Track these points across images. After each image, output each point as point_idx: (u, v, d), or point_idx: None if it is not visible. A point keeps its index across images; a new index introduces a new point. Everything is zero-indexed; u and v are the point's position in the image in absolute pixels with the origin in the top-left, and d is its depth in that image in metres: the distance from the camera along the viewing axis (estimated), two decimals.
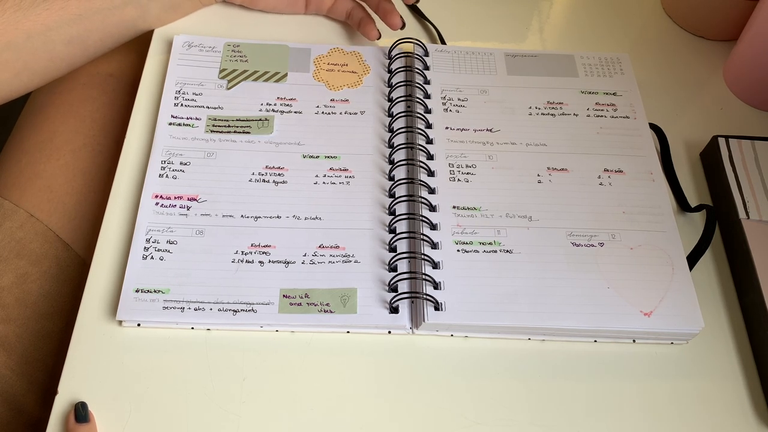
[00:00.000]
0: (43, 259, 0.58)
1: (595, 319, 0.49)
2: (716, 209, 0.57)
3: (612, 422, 0.48)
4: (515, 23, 0.68)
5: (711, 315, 0.53)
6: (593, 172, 0.56)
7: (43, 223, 0.59)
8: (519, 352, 0.50)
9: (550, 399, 0.48)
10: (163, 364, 0.48)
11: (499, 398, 0.48)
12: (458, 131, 0.58)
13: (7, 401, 0.54)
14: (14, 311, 0.56)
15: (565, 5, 0.71)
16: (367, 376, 0.48)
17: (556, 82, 0.61)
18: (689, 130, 0.62)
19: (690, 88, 0.65)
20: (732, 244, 0.55)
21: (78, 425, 0.45)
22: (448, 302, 0.49)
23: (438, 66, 0.61)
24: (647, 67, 0.66)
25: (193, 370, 0.48)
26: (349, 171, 0.56)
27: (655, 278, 0.51)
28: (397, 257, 0.51)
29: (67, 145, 0.63)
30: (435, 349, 0.50)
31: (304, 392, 0.47)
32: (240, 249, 0.51)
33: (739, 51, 0.64)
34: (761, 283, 0.51)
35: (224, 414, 0.46)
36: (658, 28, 0.69)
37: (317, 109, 0.59)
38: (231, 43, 0.61)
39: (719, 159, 0.58)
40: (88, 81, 0.66)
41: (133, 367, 0.47)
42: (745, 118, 0.64)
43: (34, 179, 0.61)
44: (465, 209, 0.53)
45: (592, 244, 0.52)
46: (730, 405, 0.49)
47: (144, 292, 0.49)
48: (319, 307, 0.49)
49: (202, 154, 0.55)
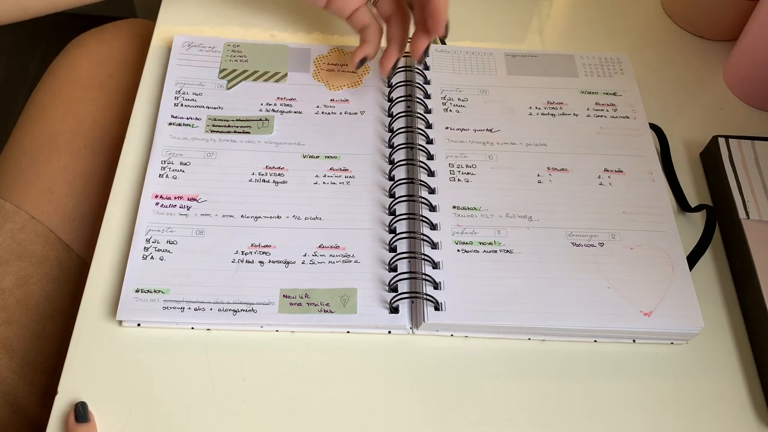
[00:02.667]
0: (44, 261, 0.58)
1: (595, 319, 0.49)
2: (716, 209, 0.57)
3: (612, 422, 0.48)
4: (515, 23, 0.68)
5: (711, 315, 0.53)
6: (593, 172, 0.56)
7: (43, 224, 0.59)
8: (519, 352, 0.50)
9: (550, 399, 0.48)
10: (163, 364, 0.48)
11: (499, 398, 0.48)
12: (458, 131, 0.57)
13: (9, 403, 0.54)
14: (15, 313, 0.56)
15: (565, 5, 0.71)
16: (367, 376, 0.48)
17: (556, 82, 0.61)
18: (689, 130, 0.62)
19: (690, 88, 0.65)
20: (732, 244, 0.55)
21: (78, 425, 0.45)
22: (448, 302, 0.49)
23: (438, 66, 0.61)
24: (647, 67, 0.66)
25: (193, 370, 0.48)
26: (349, 171, 0.56)
27: (655, 278, 0.51)
28: (397, 257, 0.51)
29: (67, 146, 0.62)
30: (435, 349, 0.50)
31: (304, 392, 0.47)
32: (240, 249, 0.51)
33: (739, 51, 0.64)
34: (761, 283, 0.51)
35: (224, 414, 0.46)
36: (658, 28, 0.69)
37: (317, 109, 0.59)
38: (231, 43, 0.61)
39: (719, 159, 0.57)
40: (88, 82, 0.66)
41: (133, 368, 0.47)
42: (745, 118, 0.64)
43: (34, 181, 0.61)
44: (465, 209, 0.53)
45: (592, 244, 0.52)
46: (731, 405, 0.49)
47: (144, 292, 0.49)
48: (319, 307, 0.49)
49: (202, 154, 0.55)
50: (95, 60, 0.67)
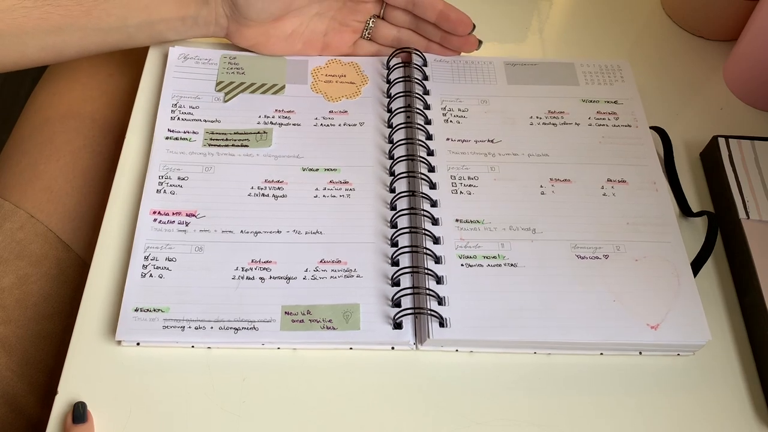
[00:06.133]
0: (43, 260, 0.58)
1: (602, 333, 0.48)
2: (716, 209, 0.57)
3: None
4: (515, 24, 0.68)
5: (713, 321, 0.52)
6: (596, 182, 0.55)
7: (43, 224, 0.59)
8: (525, 367, 0.49)
9: (558, 413, 0.48)
10: (163, 384, 0.47)
11: (506, 413, 0.47)
12: (459, 142, 0.57)
13: (8, 402, 0.54)
14: (15, 312, 0.56)
15: (565, 5, 0.71)
16: (370, 393, 0.48)
17: (556, 90, 0.61)
18: (689, 131, 0.62)
19: (690, 88, 0.65)
20: (732, 244, 0.55)
21: (74, 426, 0.44)
22: (453, 318, 0.48)
23: (437, 76, 0.61)
24: (647, 67, 0.66)
25: (194, 389, 0.47)
26: (349, 183, 0.55)
27: (661, 290, 0.50)
28: (400, 272, 0.50)
29: (67, 145, 0.62)
30: (440, 364, 0.49)
31: (307, 410, 0.47)
32: (240, 265, 0.50)
33: (739, 51, 0.64)
34: (761, 283, 0.51)
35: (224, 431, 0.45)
36: (658, 28, 0.69)
37: (316, 120, 0.58)
38: (227, 55, 0.61)
39: (719, 159, 0.57)
40: (88, 81, 0.66)
41: (132, 388, 0.47)
42: (745, 118, 0.64)
43: (34, 180, 0.61)
44: (468, 222, 0.53)
45: (596, 256, 0.52)
46: (737, 416, 0.49)
47: (143, 311, 0.48)
48: (321, 323, 0.48)
49: (200, 169, 0.55)
50: (95, 60, 0.67)
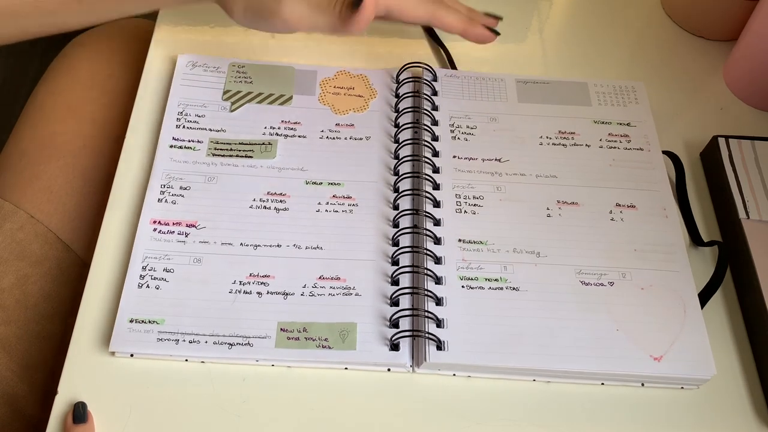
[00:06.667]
0: (43, 261, 0.58)
1: (603, 363, 0.47)
2: (716, 209, 0.57)
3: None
4: (515, 24, 0.67)
5: (720, 354, 0.51)
6: (605, 206, 0.54)
7: (43, 224, 0.59)
8: (523, 394, 0.48)
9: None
10: (156, 395, 0.46)
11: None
12: (466, 160, 0.56)
13: (8, 403, 0.53)
14: (15, 313, 0.55)
15: (565, 5, 0.70)
16: (365, 415, 0.47)
17: (568, 110, 0.59)
18: (689, 130, 0.62)
19: (690, 88, 0.65)
20: (732, 245, 0.54)
21: (75, 426, 0.44)
22: (451, 341, 0.47)
23: (447, 92, 0.60)
24: (647, 67, 0.65)
25: (185, 404, 0.46)
26: (352, 199, 0.54)
27: (667, 321, 0.49)
28: (399, 292, 0.49)
29: (67, 145, 0.62)
30: (436, 388, 0.48)
31: (300, 427, 0.46)
32: (238, 279, 0.50)
33: (739, 51, 0.63)
34: (761, 283, 0.50)
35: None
36: (658, 28, 0.69)
37: (322, 133, 0.57)
38: (236, 64, 0.60)
39: (719, 159, 0.57)
40: (88, 81, 0.66)
41: (128, 396, 0.46)
42: (745, 118, 0.63)
43: (34, 180, 0.61)
44: (471, 243, 0.52)
45: (602, 283, 0.50)
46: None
47: (138, 323, 0.48)
48: (317, 342, 0.48)
49: (202, 179, 0.54)
50: (95, 60, 0.67)
